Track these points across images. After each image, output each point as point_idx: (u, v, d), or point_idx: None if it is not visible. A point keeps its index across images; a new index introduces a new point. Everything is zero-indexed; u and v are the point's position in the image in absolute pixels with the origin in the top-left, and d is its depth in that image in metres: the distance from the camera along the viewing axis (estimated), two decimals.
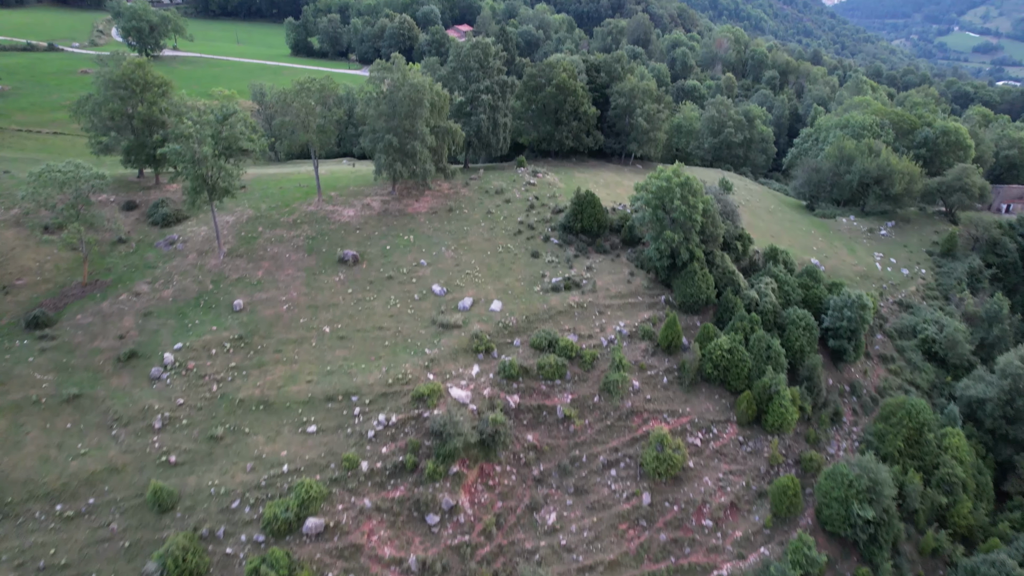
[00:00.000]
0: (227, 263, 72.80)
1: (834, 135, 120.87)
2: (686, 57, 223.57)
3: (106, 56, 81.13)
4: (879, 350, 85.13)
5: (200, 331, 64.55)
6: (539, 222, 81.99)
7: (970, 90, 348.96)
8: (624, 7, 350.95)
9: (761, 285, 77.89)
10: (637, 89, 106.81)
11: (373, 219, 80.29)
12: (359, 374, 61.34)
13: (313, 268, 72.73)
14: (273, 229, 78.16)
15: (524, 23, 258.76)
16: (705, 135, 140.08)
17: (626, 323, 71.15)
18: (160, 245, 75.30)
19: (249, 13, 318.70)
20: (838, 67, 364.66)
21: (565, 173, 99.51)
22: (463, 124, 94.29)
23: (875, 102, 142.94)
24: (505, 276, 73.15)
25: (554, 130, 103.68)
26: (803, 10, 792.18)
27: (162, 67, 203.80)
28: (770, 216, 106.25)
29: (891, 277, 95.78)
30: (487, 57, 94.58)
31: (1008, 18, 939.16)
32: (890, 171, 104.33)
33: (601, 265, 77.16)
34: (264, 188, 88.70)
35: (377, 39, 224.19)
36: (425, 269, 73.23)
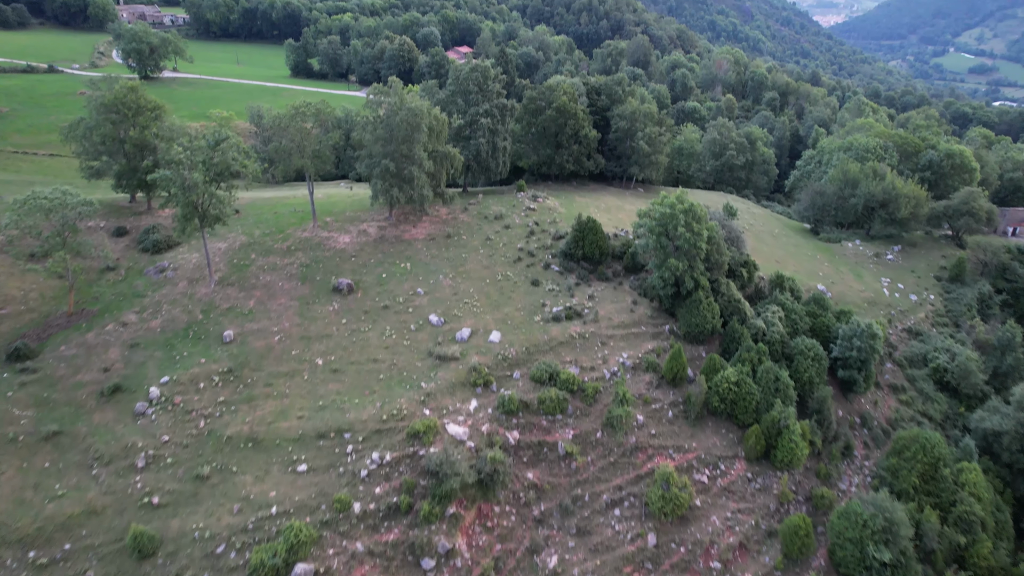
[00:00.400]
0: (218, 292, 70.67)
1: (838, 158, 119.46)
2: (686, 79, 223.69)
3: (98, 79, 79.75)
4: (889, 379, 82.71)
5: (188, 364, 62.22)
6: (539, 249, 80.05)
7: (968, 111, 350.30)
8: (623, 29, 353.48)
9: (768, 314, 75.76)
10: (638, 112, 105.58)
11: (369, 246, 78.33)
12: (352, 409, 58.91)
13: (306, 297, 70.60)
14: (266, 256, 76.16)
15: (524, 44, 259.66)
16: (707, 158, 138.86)
17: (629, 354, 68.85)
18: (150, 273, 73.23)
19: (250, 35, 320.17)
20: (837, 88, 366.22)
21: (566, 197, 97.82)
22: (462, 148, 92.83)
23: (878, 124, 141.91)
24: (504, 305, 71.00)
25: (554, 154, 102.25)
26: (800, 31, 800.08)
27: (161, 88, 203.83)
28: (774, 241, 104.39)
29: (899, 303, 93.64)
30: (486, 80, 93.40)
31: (1002, 40, 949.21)
32: (896, 195, 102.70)
33: (603, 293, 75.05)
34: (259, 213, 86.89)
35: (377, 61, 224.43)
36: (422, 298, 71.11)
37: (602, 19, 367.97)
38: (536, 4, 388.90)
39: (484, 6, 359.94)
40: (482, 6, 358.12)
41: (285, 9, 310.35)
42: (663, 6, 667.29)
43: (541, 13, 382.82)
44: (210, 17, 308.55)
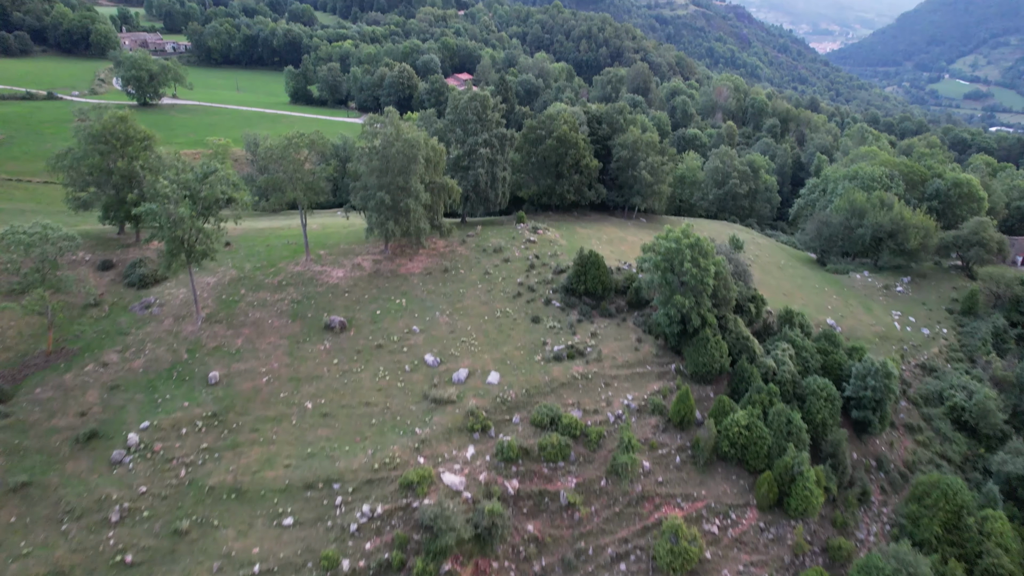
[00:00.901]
0: (205, 330, 67.74)
1: (843, 187, 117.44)
2: (686, 106, 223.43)
3: (87, 109, 77.79)
4: (904, 418, 79.40)
5: (170, 407, 59.06)
6: (540, 283, 77.30)
7: (967, 137, 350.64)
8: (623, 56, 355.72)
9: (778, 352, 72.79)
10: (640, 141, 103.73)
11: (363, 281, 75.60)
12: (342, 457, 55.62)
13: (297, 336, 67.66)
14: (256, 292, 73.39)
15: (524, 72, 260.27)
16: (709, 186, 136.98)
17: (634, 395, 65.71)
18: (135, 309, 70.38)
19: (251, 61, 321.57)
20: (836, 114, 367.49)
21: (567, 228, 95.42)
22: (460, 178, 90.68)
23: (882, 152, 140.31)
24: (503, 344, 68.03)
25: (555, 184, 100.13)
26: (797, 58, 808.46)
27: (160, 115, 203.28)
28: (781, 272, 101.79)
29: (911, 338, 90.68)
30: (485, 109, 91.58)
31: (996, 67, 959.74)
32: (904, 225, 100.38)
33: (606, 331, 72.13)
34: (250, 245, 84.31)
35: (376, 88, 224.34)
36: (417, 336, 68.15)
37: (601, 46, 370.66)
38: (536, 32, 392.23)
39: (484, 34, 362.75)
40: (482, 34, 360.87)
41: (286, 36, 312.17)
42: (661, 34, 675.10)
43: (541, 40, 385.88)
44: (211, 44, 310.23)
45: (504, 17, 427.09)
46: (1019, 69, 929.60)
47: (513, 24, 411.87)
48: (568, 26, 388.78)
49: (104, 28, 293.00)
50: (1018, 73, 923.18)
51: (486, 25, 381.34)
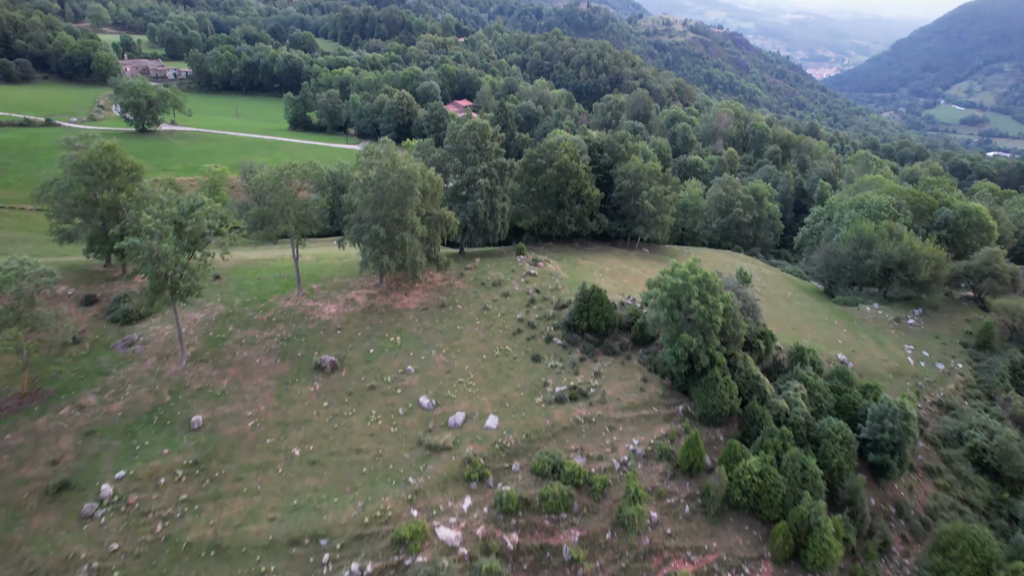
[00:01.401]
0: (189, 369, 64.54)
1: (849, 216, 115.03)
2: (687, 132, 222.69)
3: (74, 139, 75.54)
4: (922, 460, 75.75)
5: (149, 455, 55.62)
6: (540, 319, 74.26)
7: (967, 162, 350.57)
8: (622, 82, 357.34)
9: (789, 391, 69.50)
10: (643, 170, 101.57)
11: (357, 317, 72.58)
12: (330, 510, 52.03)
13: (286, 376, 64.43)
14: (245, 329, 70.31)
15: (524, 98, 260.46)
16: (713, 214, 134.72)
17: (640, 440, 62.25)
18: (117, 347, 67.24)
19: (251, 88, 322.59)
20: (835, 139, 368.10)
21: (568, 260, 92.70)
22: (459, 209, 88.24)
23: (887, 180, 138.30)
24: (502, 385, 64.75)
25: (555, 214, 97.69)
26: (795, 84, 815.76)
27: (157, 142, 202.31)
28: (788, 305, 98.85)
29: (926, 373, 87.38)
30: (484, 139, 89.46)
31: (991, 93, 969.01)
32: (915, 256, 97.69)
33: (610, 370, 68.92)
34: (241, 279, 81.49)
35: (376, 114, 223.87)
36: (412, 377, 64.90)
37: (601, 73, 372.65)
38: (535, 58, 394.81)
39: (484, 60, 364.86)
40: (482, 60, 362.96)
41: (286, 63, 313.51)
42: (660, 60, 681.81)
43: (540, 67, 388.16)
44: (212, 71, 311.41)
45: (504, 44, 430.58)
46: (1013, 95, 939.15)
47: (513, 51, 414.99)
48: (568, 53, 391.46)
49: (106, 55, 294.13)
50: (1013, 99, 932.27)
51: (486, 52, 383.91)
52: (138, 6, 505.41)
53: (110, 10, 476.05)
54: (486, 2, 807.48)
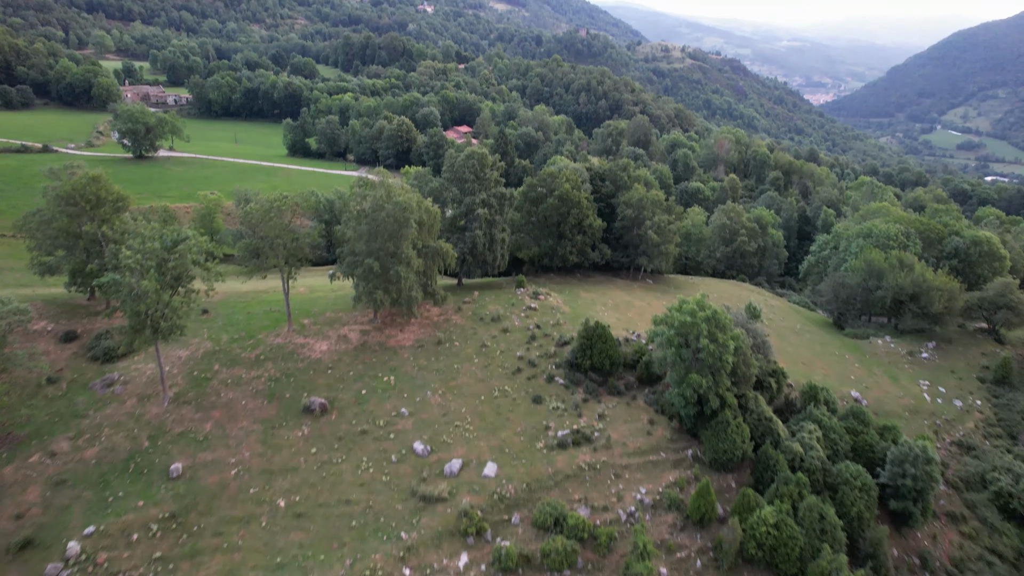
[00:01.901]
0: (171, 412, 61.05)
1: (857, 245, 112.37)
2: (687, 158, 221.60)
3: (58, 169, 73.01)
4: (945, 505, 71.76)
5: (122, 507, 51.90)
6: (541, 357, 70.94)
7: (967, 188, 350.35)
8: (622, 108, 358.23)
9: (804, 434, 65.88)
10: (646, 199, 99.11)
11: (349, 355, 69.27)
12: (316, 568, 48.20)
13: (272, 420, 60.92)
14: (231, 368, 66.95)
15: (523, 125, 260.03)
16: (716, 243, 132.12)
17: (648, 488, 58.55)
18: (96, 387, 63.81)
19: (251, 114, 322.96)
20: (835, 164, 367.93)
21: (569, 293, 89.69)
22: (457, 240, 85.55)
23: (894, 208, 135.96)
24: (502, 429, 61.21)
25: (557, 244, 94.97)
26: (793, 110, 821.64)
27: (155, 168, 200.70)
28: (797, 338, 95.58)
29: (943, 411, 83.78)
30: (483, 168, 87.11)
31: (986, 118, 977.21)
32: (927, 287, 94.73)
33: (615, 411, 65.41)
34: (230, 313, 78.33)
35: (375, 141, 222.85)
36: (406, 420, 61.39)
37: (601, 99, 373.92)
38: (535, 85, 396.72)
39: (484, 87, 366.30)
40: (482, 86, 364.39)
41: (287, 89, 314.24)
42: (659, 86, 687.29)
43: (540, 93, 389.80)
44: (212, 97, 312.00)
45: (504, 70, 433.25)
46: (1008, 121, 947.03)
47: (513, 77, 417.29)
48: (567, 79, 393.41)
49: (106, 81, 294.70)
50: (1008, 124, 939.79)
51: (486, 78, 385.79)
52: (141, 34, 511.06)
53: (113, 37, 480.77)
54: (486, 29, 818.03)
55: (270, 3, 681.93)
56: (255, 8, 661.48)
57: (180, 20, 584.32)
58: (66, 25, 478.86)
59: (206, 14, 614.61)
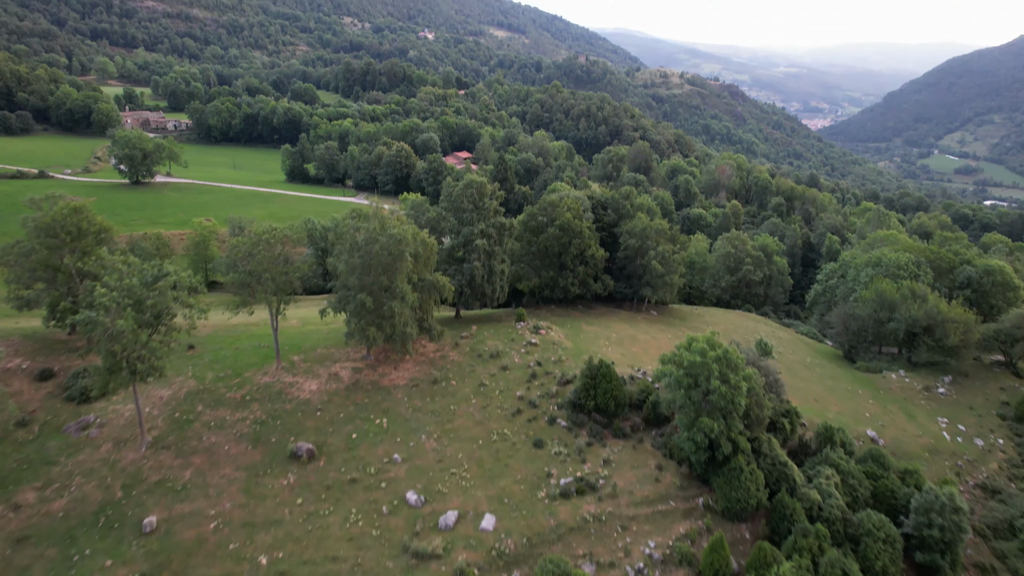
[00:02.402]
0: (149, 458, 57.31)
1: (866, 274, 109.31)
2: (689, 184, 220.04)
3: (39, 199, 70.19)
4: (972, 555, 67.45)
5: (88, 567, 47.88)
6: (543, 397, 67.32)
7: (969, 212, 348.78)
8: (622, 134, 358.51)
9: (821, 480, 62.00)
10: (649, 229, 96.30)
11: (340, 395, 65.69)
12: None
13: (256, 466, 57.14)
14: (215, 409, 63.34)
15: (523, 151, 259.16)
16: (721, 272, 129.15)
17: (657, 541, 54.55)
18: (70, 430, 60.17)
19: (250, 139, 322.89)
20: (836, 189, 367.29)
21: (571, 326, 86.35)
22: (454, 272, 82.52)
23: (903, 236, 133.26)
24: (500, 476, 57.40)
25: (558, 276, 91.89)
26: (791, 134, 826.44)
27: (151, 194, 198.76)
28: (808, 372, 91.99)
29: (965, 450, 79.86)
30: (482, 197, 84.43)
31: (983, 143, 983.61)
32: (942, 320, 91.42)
33: (621, 456, 61.64)
34: (217, 348, 74.93)
35: (374, 167, 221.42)
36: (399, 467, 57.61)
37: (600, 124, 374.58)
38: (535, 111, 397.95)
39: (484, 112, 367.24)
40: (482, 112, 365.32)
41: (286, 114, 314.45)
42: (658, 111, 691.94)
43: (540, 119, 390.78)
44: (212, 122, 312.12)
45: (504, 96, 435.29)
46: (1005, 145, 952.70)
47: (513, 103, 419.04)
48: (567, 105, 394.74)
49: (106, 107, 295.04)
50: (1004, 149, 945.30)
51: (486, 104, 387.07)
52: (144, 60, 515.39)
53: (116, 64, 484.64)
54: (486, 56, 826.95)
55: (272, 30, 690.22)
56: (257, 35, 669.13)
57: (183, 47, 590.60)
58: (69, 52, 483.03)
59: (209, 41, 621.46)
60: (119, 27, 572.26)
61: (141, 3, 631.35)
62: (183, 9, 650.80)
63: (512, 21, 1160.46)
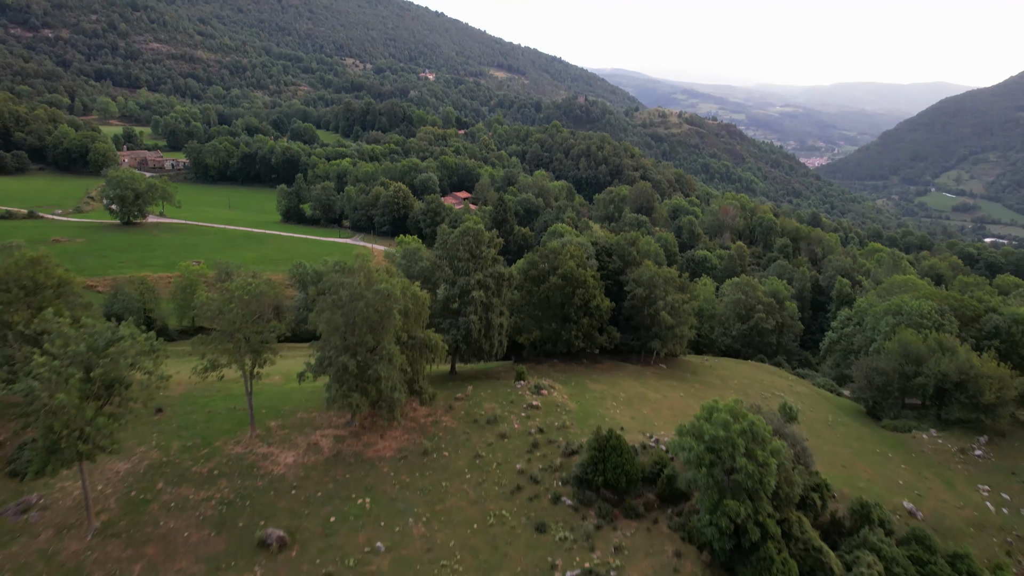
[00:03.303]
0: (95, 548, 50.06)
1: (887, 323, 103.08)
2: (692, 225, 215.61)
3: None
4: None
5: None
6: (545, 471, 60.28)
7: (973, 252, 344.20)
8: (623, 173, 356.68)
9: (862, 569, 54.61)
10: (657, 277, 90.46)
11: (319, 469, 58.68)
12: None
13: (219, 557, 49.85)
14: (178, 486, 56.29)
15: (523, 190, 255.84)
16: (731, 320, 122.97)
17: None
18: (7, 513, 53.04)
19: (247, 179, 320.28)
20: (839, 228, 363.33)
21: (575, 384, 79.68)
22: (449, 325, 76.36)
23: (922, 282, 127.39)
24: (498, 568, 50.04)
25: (560, 328, 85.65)
26: (790, 173, 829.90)
27: (141, 235, 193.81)
28: (831, 433, 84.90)
29: (1013, 524, 72.23)
30: (479, 245, 78.81)
31: (979, 181, 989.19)
32: (975, 374, 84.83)
33: (634, 540, 54.37)
34: (188, 412, 68.20)
35: (371, 207, 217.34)
36: (382, 558, 50.31)
37: (601, 164, 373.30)
38: (535, 150, 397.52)
39: (483, 152, 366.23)
40: (481, 152, 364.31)
41: (284, 154, 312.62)
42: (657, 151, 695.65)
43: (540, 158, 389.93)
44: (209, 162, 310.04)
45: (504, 136, 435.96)
46: (1001, 183, 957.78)
47: (513, 143, 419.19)
48: (567, 145, 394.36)
49: (103, 147, 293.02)
50: (1001, 187, 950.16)
51: (485, 144, 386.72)
52: (146, 100, 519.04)
53: (119, 104, 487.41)
54: (486, 96, 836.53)
55: (274, 70, 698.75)
56: (259, 75, 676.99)
57: (186, 87, 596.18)
58: (72, 92, 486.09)
59: (211, 81, 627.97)
60: (123, 68, 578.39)
61: (146, 45, 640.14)
62: (187, 51, 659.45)
63: (512, 62, 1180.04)
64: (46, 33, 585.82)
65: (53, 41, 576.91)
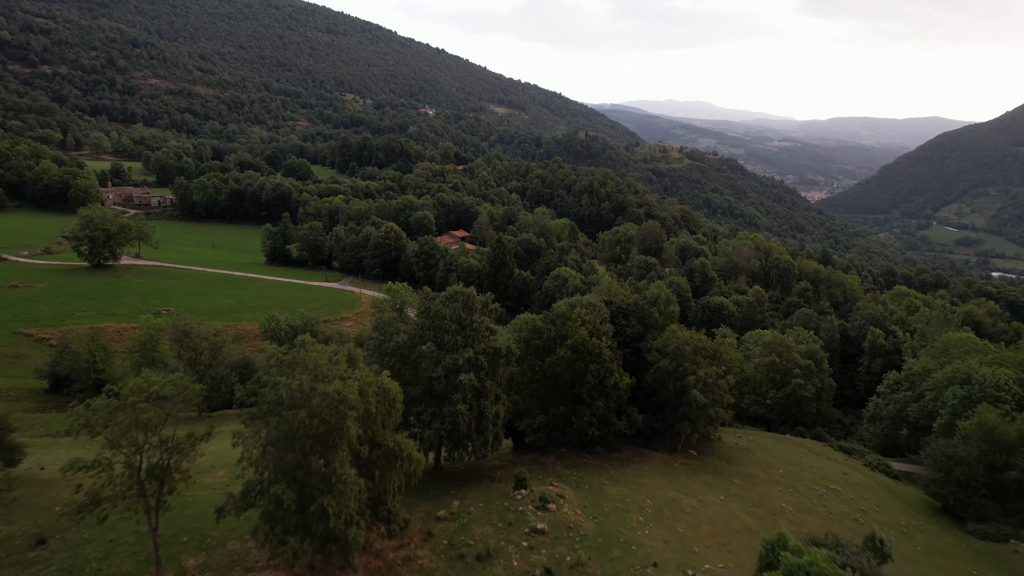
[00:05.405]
0: None
1: (953, 395, 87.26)
2: (705, 268, 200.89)
3: None
4: None
5: None
6: None
7: (992, 290, 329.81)
8: (626, 210, 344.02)
9: None
10: (686, 346, 75.06)
11: None
12: None
13: None
14: None
15: (524, 229, 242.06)
16: (765, 385, 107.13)
17: None
18: None
19: (236, 216, 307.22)
20: (851, 267, 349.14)
21: (590, 487, 63.46)
22: (432, 415, 60.62)
23: (987, 344, 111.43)
24: None
25: (570, 412, 69.78)
26: (792, 207, 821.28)
27: (110, 279, 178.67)
28: (909, 545, 68.19)
29: None
30: (471, 313, 63.56)
31: (981, 215, 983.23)
32: None
33: None
34: (80, 544, 51.66)
35: (360, 248, 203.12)
36: None
37: (604, 200, 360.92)
38: (536, 186, 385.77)
39: (483, 188, 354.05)
40: (480, 188, 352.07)
41: (275, 191, 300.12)
42: (659, 185, 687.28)
43: (541, 195, 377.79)
44: (196, 198, 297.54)
45: (504, 172, 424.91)
46: (1003, 217, 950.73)
47: (513, 179, 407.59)
48: (569, 181, 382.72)
49: (85, 183, 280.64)
50: (1003, 221, 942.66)
51: (485, 180, 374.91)
52: (141, 135, 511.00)
53: (112, 139, 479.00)
54: (486, 131, 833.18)
55: (273, 106, 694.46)
56: (258, 110, 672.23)
57: (182, 122, 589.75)
58: (65, 127, 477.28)
59: (209, 116, 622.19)
60: (120, 103, 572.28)
61: (144, 81, 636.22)
62: (186, 86, 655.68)
63: (512, 98, 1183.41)
64: (44, 69, 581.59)
65: (51, 77, 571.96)
